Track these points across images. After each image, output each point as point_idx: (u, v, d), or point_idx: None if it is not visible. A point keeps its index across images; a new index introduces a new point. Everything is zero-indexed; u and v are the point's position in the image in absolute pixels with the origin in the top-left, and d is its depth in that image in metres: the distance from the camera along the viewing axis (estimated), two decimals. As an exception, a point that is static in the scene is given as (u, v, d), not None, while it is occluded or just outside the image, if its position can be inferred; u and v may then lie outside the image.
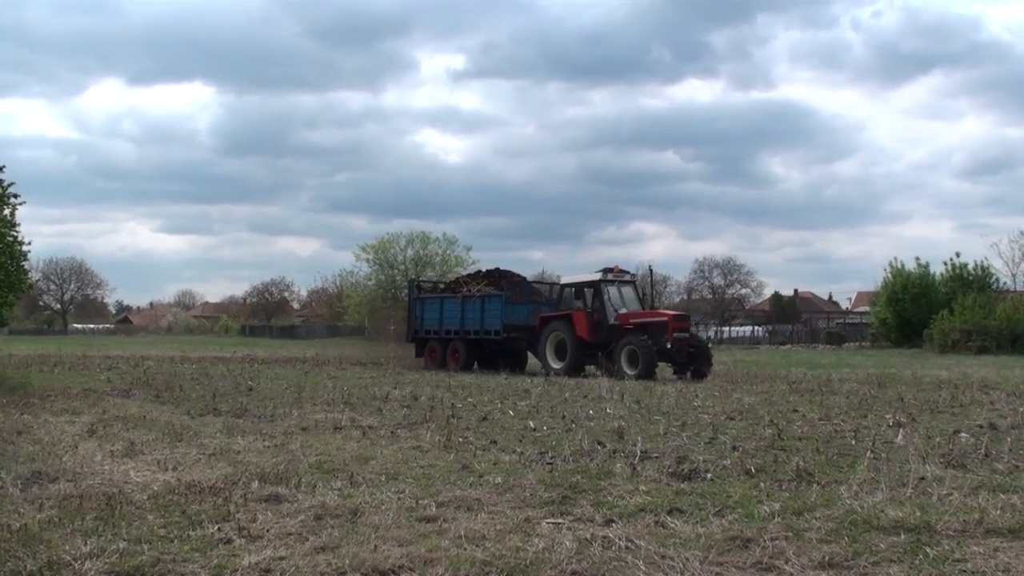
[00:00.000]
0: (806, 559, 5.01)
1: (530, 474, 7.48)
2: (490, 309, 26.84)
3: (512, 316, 26.47)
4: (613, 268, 25.13)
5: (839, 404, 14.34)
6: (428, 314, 29.05)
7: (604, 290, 24.23)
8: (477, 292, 27.94)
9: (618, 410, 13.05)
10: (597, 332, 23.77)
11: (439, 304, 28.85)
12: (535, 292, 29.41)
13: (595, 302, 24.33)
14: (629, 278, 25.65)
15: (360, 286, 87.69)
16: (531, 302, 27.82)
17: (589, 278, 24.99)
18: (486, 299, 27.21)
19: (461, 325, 27.55)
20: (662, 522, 5.83)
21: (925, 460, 7.95)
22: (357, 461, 8.23)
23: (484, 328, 26.86)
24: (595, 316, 24.04)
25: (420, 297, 30.53)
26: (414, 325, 29.56)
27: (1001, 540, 5.37)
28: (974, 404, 14.49)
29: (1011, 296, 55.60)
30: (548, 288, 29.66)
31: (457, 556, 4.98)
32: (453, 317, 27.91)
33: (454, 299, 28.37)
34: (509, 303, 26.72)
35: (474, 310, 27.33)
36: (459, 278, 30.06)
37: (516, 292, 27.87)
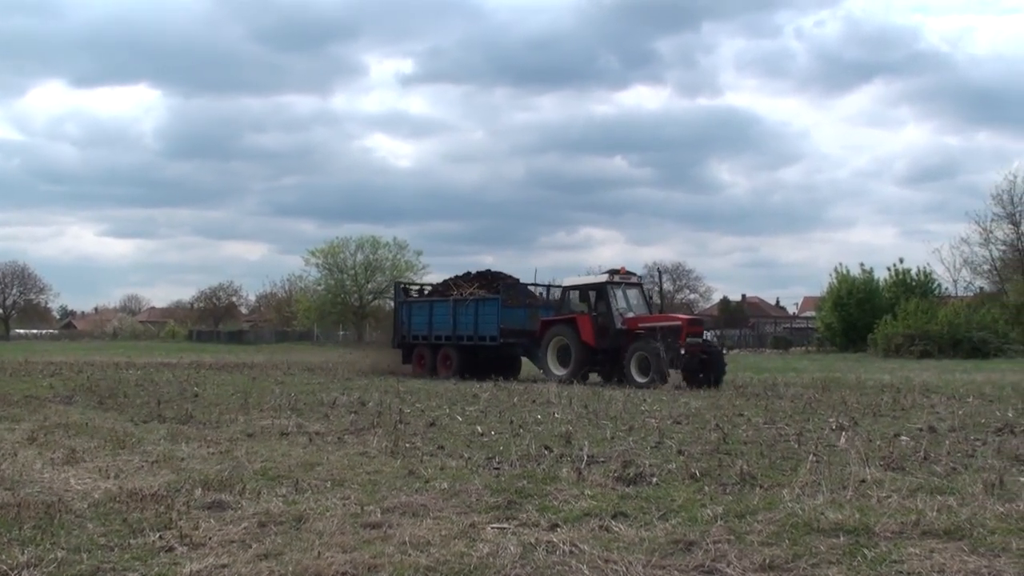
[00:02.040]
0: (747, 562, 5.06)
1: (476, 479, 7.48)
2: (485, 313, 25.75)
3: (508, 320, 25.44)
4: (619, 269, 23.96)
5: (784, 408, 14.52)
6: (416, 318, 27.87)
7: (610, 293, 23.06)
8: (470, 295, 26.60)
9: (566, 415, 13.10)
10: (603, 337, 22.58)
11: (428, 308, 27.64)
12: (531, 295, 28.03)
13: (600, 305, 23.16)
14: (636, 280, 24.44)
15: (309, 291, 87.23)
16: (528, 305, 26.71)
17: (594, 280, 24.15)
18: (480, 302, 26.02)
19: (453, 330, 26.43)
20: (607, 526, 5.86)
21: (866, 463, 8.06)
22: (303, 467, 8.18)
23: (478, 333, 25.79)
24: (601, 320, 22.84)
25: (407, 301, 29.19)
26: (400, 330, 28.30)
27: (937, 541, 5.46)
28: (915, 408, 14.74)
29: (952, 301, 56.69)
30: (545, 290, 28.59)
31: (401, 562, 4.97)
32: (444, 322, 26.77)
33: (445, 303, 27.07)
34: (505, 307, 25.57)
35: (467, 314, 26.14)
36: (448, 280, 28.73)
37: (512, 295, 26.67)
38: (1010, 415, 13.31)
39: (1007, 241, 61.60)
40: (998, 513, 6.11)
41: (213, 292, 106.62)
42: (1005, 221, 60.61)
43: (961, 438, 10.43)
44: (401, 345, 28.30)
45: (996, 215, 60.54)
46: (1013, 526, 5.78)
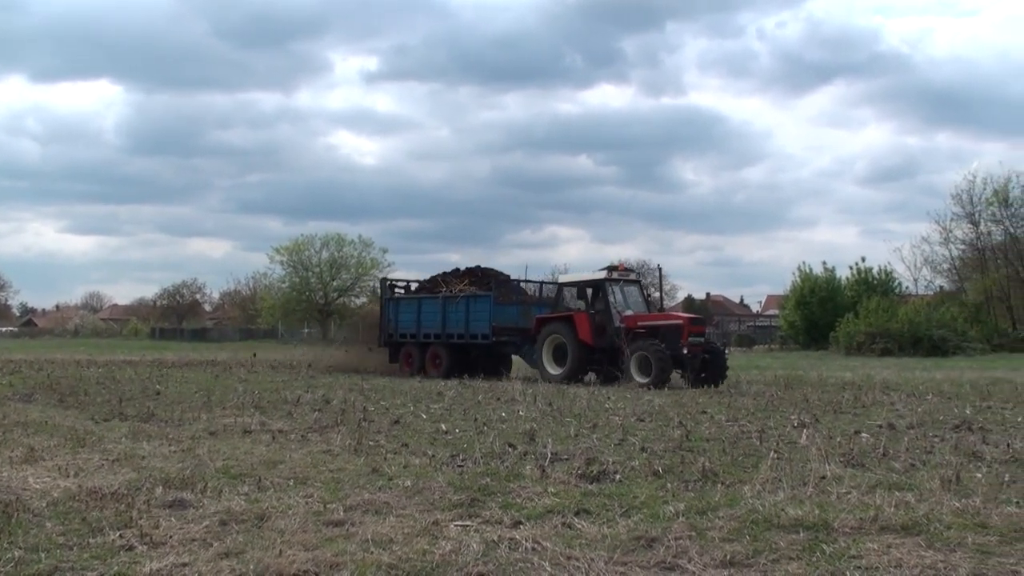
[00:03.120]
0: (708, 558, 5.10)
1: (440, 477, 7.47)
2: (476, 310, 25.09)
3: (500, 318, 24.78)
4: (618, 266, 23.47)
5: (746, 405, 14.63)
6: (404, 316, 27.15)
7: (609, 290, 22.37)
8: (460, 292, 25.91)
9: (530, 412, 13.12)
10: (601, 336, 21.81)
11: (416, 305, 26.90)
12: (523, 292, 27.31)
13: (599, 303, 22.47)
14: (634, 277, 23.78)
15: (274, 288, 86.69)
16: (520, 303, 26.00)
17: (592, 277, 23.30)
18: (471, 300, 25.32)
19: (443, 328, 25.78)
20: (569, 523, 5.88)
21: (826, 460, 8.13)
22: (265, 465, 8.14)
23: (470, 331, 25.14)
24: (598, 318, 22.07)
25: (394, 298, 28.25)
26: (387, 328, 27.51)
27: (895, 537, 5.53)
28: (875, 405, 14.91)
29: (912, 300, 57.42)
30: (538, 287, 27.99)
31: (363, 560, 4.96)
32: (433, 319, 26.12)
33: (434, 300, 26.35)
34: (497, 304, 24.93)
35: (458, 312, 25.50)
36: (436, 277, 27.86)
37: (504, 292, 26.01)
38: (968, 412, 13.50)
39: (966, 240, 62.46)
40: (954, 509, 6.20)
41: (176, 289, 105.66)
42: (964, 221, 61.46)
43: (920, 435, 10.56)
44: (388, 344, 27.56)
45: (956, 215, 61.38)
46: (969, 521, 5.87)
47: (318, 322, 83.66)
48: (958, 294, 60.01)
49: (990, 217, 60.92)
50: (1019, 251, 60.14)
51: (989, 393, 18.04)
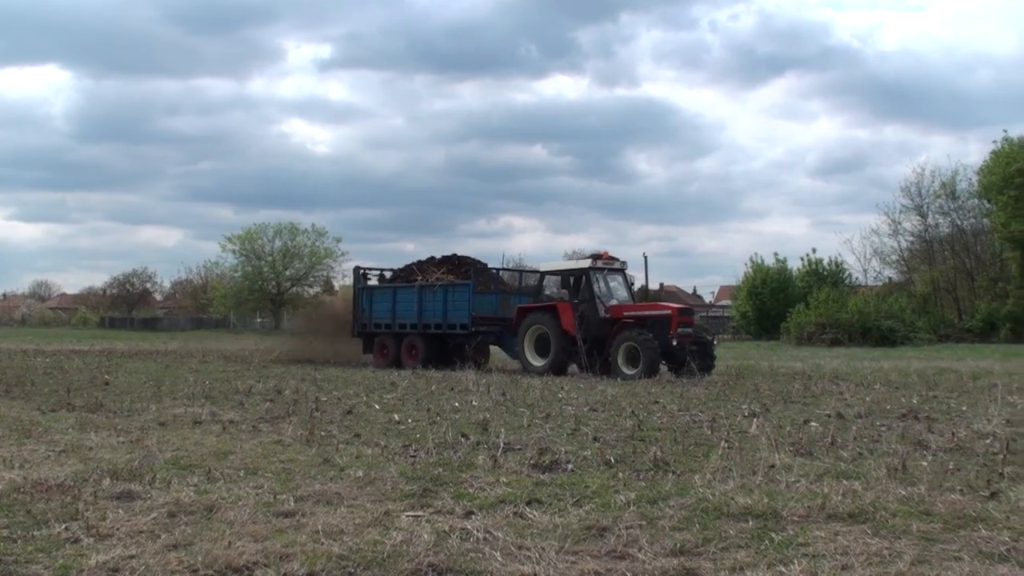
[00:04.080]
0: (658, 547, 5.14)
1: (392, 467, 7.45)
2: (455, 300, 24.35)
3: (480, 307, 24.09)
4: (602, 254, 22.53)
5: (698, 395, 14.76)
6: (378, 306, 26.31)
7: (593, 279, 21.66)
8: (437, 280, 25.23)
9: (484, 402, 13.13)
10: (585, 326, 21.08)
11: (391, 294, 26.03)
12: (502, 281, 26.57)
13: (583, 292, 21.71)
14: (619, 266, 22.64)
15: (226, 277, 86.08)
16: (500, 292, 25.25)
17: (576, 265, 22.70)
18: (450, 289, 24.58)
19: (419, 318, 24.96)
20: (521, 513, 5.89)
21: (776, 449, 8.21)
22: (215, 456, 8.06)
23: (448, 321, 24.40)
24: (583, 308, 21.31)
25: (368, 286, 27.26)
26: (361, 318, 26.66)
27: (841, 524, 5.61)
28: (825, 394, 15.11)
29: (862, 290, 58.31)
30: (518, 276, 27.32)
31: (313, 551, 4.93)
32: (409, 309, 25.33)
33: (410, 289, 25.56)
34: (476, 293, 24.18)
35: (435, 301, 24.75)
36: (411, 265, 27.08)
37: (483, 281, 25.22)
38: (914, 401, 13.74)
39: (915, 232, 63.69)
40: (900, 496, 6.30)
41: (126, 278, 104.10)
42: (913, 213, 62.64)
43: (867, 424, 10.73)
44: (361, 334, 26.82)
45: (904, 207, 62.58)
46: (914, 509, 5.96)
47: (271, 311, 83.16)
48: (906, 285, 61.08)
49: (938, 209, 62.15)
50: (966, 243, 61.30)
51: (935, 383, 18.36)
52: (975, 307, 55.84)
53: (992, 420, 10.51)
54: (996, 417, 10.70)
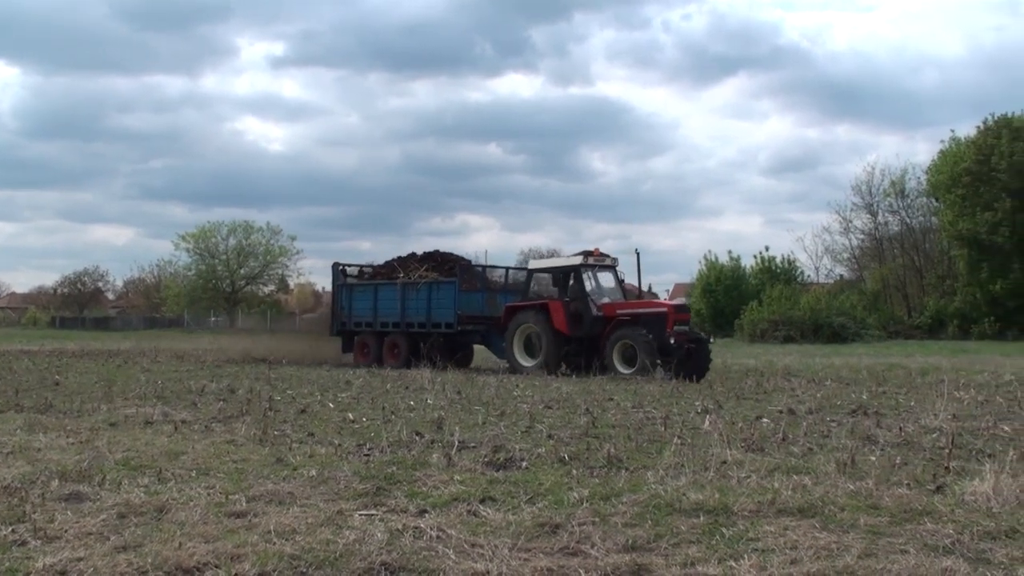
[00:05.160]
0: (611, 543, 5.17)
1: (346, 466, 7.43)
2: (440, 298, 23.67)
3: (465, 306, 23.39)
4: (593, 251, 21.66)
5: (652, 392, 14.86)
6: (358, 303, 25.66)
7: (585, 276, 21.15)
8: (421, 278, 24.41)
9: (439, 400, 13.12)
10: (577, 324, 20.58)
11: (372, 292, 25.40)
12: (488, 278, 25.67)
13: (574, 290, 21.11)
14: (610, 262, 21.97)
15: (179, 276, 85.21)
16: (486, 289, 24.48)
17: (567, 262, 21.98)
18: (434, 286, 23.88)
19: (402, 316, 24.37)
20: (475, 511, 5.90)
21: (728, 445, 8.29)
22: (167, 457, 7.99)
23: (432, 320, 23.78)
24: (574, 306, 20.77)
25: (348, 284, 26.49)
26: (340, 316, 26.07)
27: (791, 519, 5.68)
28: (776, 391, 15.28)
29: (814, 288, 59.04)
30: (504, 273, 26.59)
31: (265, 551, 4.91)
32: (391, 307, 24.65)
33: (392, 286, 24.79)
34: (461, 291, 23.45)
35: (419, 299, 24.06)
36: (392, 261, 26.28)
37: (468, 278, 24.44)
38: (864, 397, 13.95)
39: (865, 230, 64.65)
40: (849, 491, 6.39)
41: (78, 277, 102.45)
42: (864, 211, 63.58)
43: (818, 420, 10.87)
44: (341, 332, 26.18)
45: (855, 205, 63.48)
46: (862, 503, 6.06)
47: (225, 310, 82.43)
48: (857, 283, 61.97)
49: (888, 208, 63.14)
50: (915, 241, 62.27)
51: (884, 379, 18.67)
52: (924, 304, 56.74)
53: (939, 415, 10.68)
54: (943, 412, 10.87)
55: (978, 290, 52.18)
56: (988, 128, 52.83)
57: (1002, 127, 51.82)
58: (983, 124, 53.65)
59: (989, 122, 53.25)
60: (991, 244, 50.47)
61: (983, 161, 50.98)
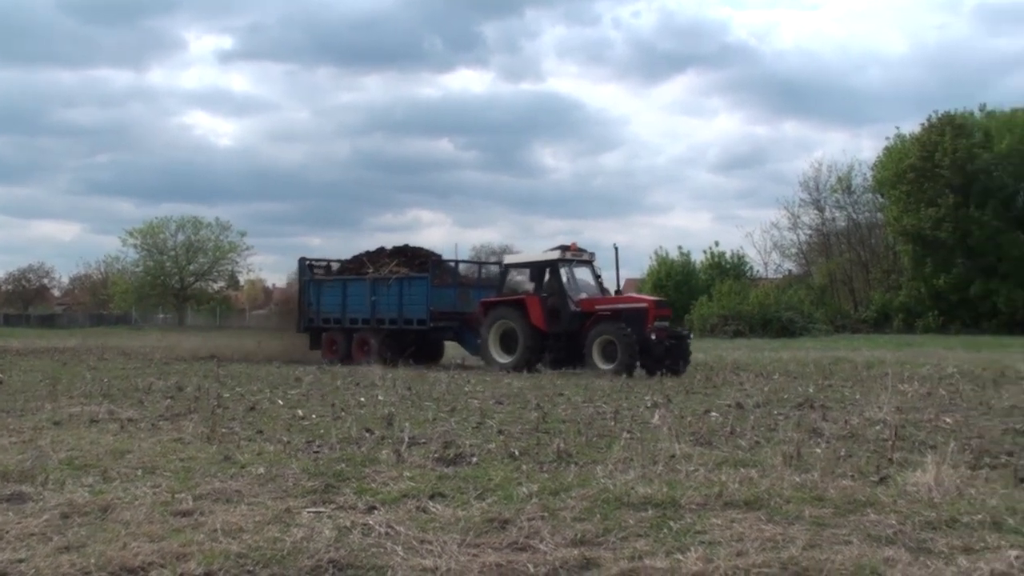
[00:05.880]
0: (560, 538, 5.20)
1: (294, 464, 7.37)
2: (412, 294, 23.14)
3: (438, 302, 22.96)
4: (570, 245, 21.13)
5: (602, 387, 14.93)
6: (327, 299, 25.03)
7: (562, 271, 20.68)
8: (392, 273, 23.91)
9: (389, 397, 13.08)
10: (555, 320, 20.11)
11: (341, 287, 24.78)
12: (461, 274, 25.49)
13: (551, 285, 20.69)
14: (587, 257, 21.53)
15: (127, 272, 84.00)
16: (459, 285, 24.19)
17: (543, 257, 21.31)
18: (405, 282, 23.36)
19: (372, 313, 23.85)
20: (424, 507, 5.90)
21: (677, 439, 8.35)
22: (112, 455, 7.87)
23: (403, 316, 23.30)
24: (551, 301, 20.35)
25: (315, 279, 25.83)
26: (307, 312, 25.40)
27: (738, 512, 5.75)
28: (725, 385, 15.45)
29: (763, 283, 59.68)
30: (477, 269, 26.37)
31: (211, 549, 4.86)
32: (360, 303, 24.13)
33: (361, 282, 24.25)
34: (434, 287, 23.06)
35: (390, 295, 23.51)
36: (360, 256, 25.70)
37: (441, 273, 24.12)
38: (811, 390, 14.14)
39: (813, 226, 65.50)
40: (794, 483, 6.48)
41: (22, 274, 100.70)
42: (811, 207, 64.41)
43: (765, 413, 11.01)
44: (308, 329, 25.60)
45: (803, 201, 64.28)
46: (807, 495, 6.15)
47: (174, 307, 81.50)
48: (805, 277, 62.75)
49: (834, 203, 64.04)
50: (861, 236, 63.21)
51: (831, 372, 18.94)
52: (870, 298, 57.61)
53: (883, 408, 10.84)
54: (887, 405, 11.03)
55: (922, 285, 53.09)
56: (932, 125, 53.71)
57: (945, 124, 52.71)
58: (927, 121, 54.56)
59: (933, 119, 54.15)
60: (935, 240, 51.35)
61: (927, 158, 51.84)
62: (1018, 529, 5.33)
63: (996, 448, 8.33)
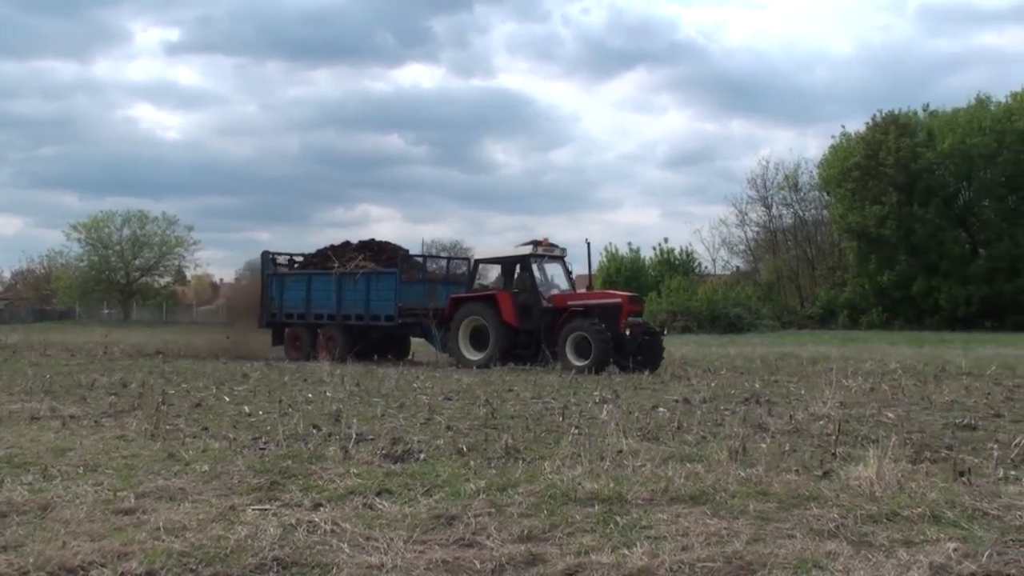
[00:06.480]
0: (506, 533, 5.20)
1: (240, 461, 7.30)
2: (379, 289, 22.83)
3: (406, 297, 22.62)
4: (542, 241, 21.02)
5: (551, 383, 14.98)
6: (290, 294, 24.53)
7: (534, 267, 20.48)
8: (359, 268, 23.43)
9: (337, 393, 12.99)
10: (527, 316, 20.00)
11: (306, 282, 24.36)
12: (428, 269, 25.03)
13: (522, 281, 20.53)
14: (559, 253, 21.39)
15: (71, 267, 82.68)
16: (426, 280, 23.76)
17: (514, 252, 21.21)
18: (373, 277, 23.01)
19: (338, 308, 23.42)
20: (370, 504, 5.87)
21: (624, 434, 8.38)
22: (53, 453, 7.74)
23: (371, 312, 22.95)
24: (522, 297, 20.20)
25: (278, 273, 25.28)
26: (270, 307, 24.81)
27: (683, 506, 5.79)
28: (673, 380, 15.57)
29: (711, 279, 60.22)
30: (445, 264, 26.10)
31: (153, 548, 4.80)
32: (326, 298, 23.70)
33: (327, 276, 23.79)
34: (403, 282, 22.76)
35: (357, 290, 23.14)
36: (325, 250, 25.11)
37: (410, 269, 23.74)
38: (757, 386, 14.29)
39: (760, 223, 66.19)
40: (740, 478, 6.54)
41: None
42: (758, 204, 65.11)
43: (712, 408, 11.11)
44: (271, 324, 25.07)
45: (751, 198, 64.97)
46: (752, 489, 6.21)
47: (119, 302, 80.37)
48: (752, 274, 63.42)
49: (781, 201, 64.79)
50: (807, 233, 64.01)
51: (777, 368, 19.17)
52: (816, 295, 58.36)
53: (827, 403, 10.97)
54: (831, 400, 11.17)
55: (867, 281, 53.88)
56: (876, 124, 54.48)
57: (889, 124, 53.50)
58: (872, 121, 55.34)
59: (877, 119, 54.94)
60: (879, 237, 52.12)
61: (871, 156, 52.58)
62: (956, 522, 5.42)
63: (936, 442, 8.46)
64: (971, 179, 53.22)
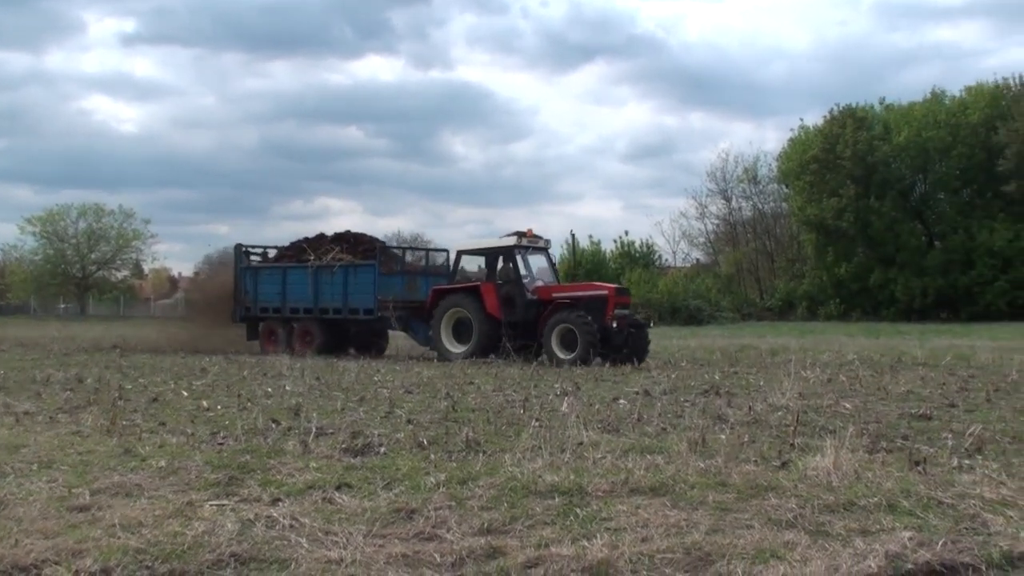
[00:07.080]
0: (467, 527, 5.19)
1: (198, 456, 7.23)
2: (358, 282, 22.38)
3: (385, 290, 22.10)
4: (526, 232, 20.60)
5: (513, 375, 14.98)
6: (265, 287, 24.07)
7: (518, 258, 20.32)
8: (336, 260, 23.04)
9: (297, 387, 12.92)
10: (511, 308, 19.75)
11: (281, 275, 23.85)
12: (407, 261, 24.91)
13: (506, 272, 20.27)
14: (543, 244, 21.18)
15: (26, 261, 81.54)
16: (406, 272, 23.55)
17: (498, 243, 20.79)
18: (351, 269, 22.58)
19: (315, 302, 22.97)
20: (330, 498, 5.82)
21: (585, 426, 8.39)
22: (6, 450, 7.60)
23: (349, 305, 22.54)
24: (506, 289, 19.96)
25: (252, 266, 24.82)
26: (244, 301, 24.35)
27: (643, 498, 5.81)
28: (633, 372, 15.64)
29: (671, 271, 60.61)
30: (424, 256, 25.86)
31: (109, 545, 4.73)
32: (302, 292, 23.25)
33: (303, 269, 23.30)
34: (382, 275, 22.35)
35: (334, 284, 22.73)
36: (299, 243, 24.74)
37: (389, 261, 23.50)
38: (716, 377, 14.39)
39: (720, 215, 66.74)
40: (699, 469, 6.57)
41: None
42: (718, 197, 65.62)
43: (672, 400, 11.16)
44: (245, 319, 24.60)
45: (710, 191, 65.48)
46: (711, 480, 6.24)
47: (75, 296, 79.42)
48: (712, 266, 63.90)
49: (741, 193, 65.38)
50: (766, 226, 64.58)
51: (737, 359, 19.32)
52: (775, 287, 58.98)
53: (786, 394, 11.07)
54: (789, 391, 11.27)
55: (824, 273, 54.53)
56: (834, 118, 55.12)
57: (846, 117, 54.13)
58: (829, 114, 55.93)
59: (835, 112, 55.52)
60: (836, 229, 52.76)
61: (829, 150, 53.18)
62: (912, 511, 5.48)
63: (892, 432, 8.56)
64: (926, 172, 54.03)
